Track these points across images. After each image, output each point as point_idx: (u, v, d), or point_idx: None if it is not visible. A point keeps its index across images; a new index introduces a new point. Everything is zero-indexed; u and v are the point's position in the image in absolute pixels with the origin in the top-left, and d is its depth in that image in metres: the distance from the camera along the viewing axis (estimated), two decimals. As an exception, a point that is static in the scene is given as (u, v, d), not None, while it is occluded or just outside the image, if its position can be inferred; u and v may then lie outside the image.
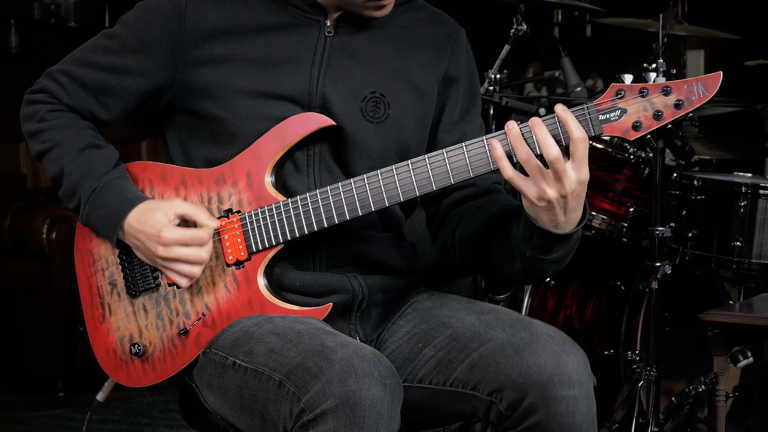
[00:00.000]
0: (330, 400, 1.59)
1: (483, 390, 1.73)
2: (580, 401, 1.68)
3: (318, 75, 1.85)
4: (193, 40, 1.85)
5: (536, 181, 1.66)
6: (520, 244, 1.74)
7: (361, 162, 1.86)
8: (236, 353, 1.75)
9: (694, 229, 3.11)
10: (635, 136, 1.68)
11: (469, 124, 1.97)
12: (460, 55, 1.96)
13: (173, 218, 1.81)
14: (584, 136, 1.65)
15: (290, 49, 1.85)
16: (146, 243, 1.81)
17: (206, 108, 1.86)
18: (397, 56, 1.90)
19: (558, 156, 1.64)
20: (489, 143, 1.69)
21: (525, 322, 1.77)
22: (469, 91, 1.98)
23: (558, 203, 1.67)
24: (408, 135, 1.90)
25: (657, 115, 1.68)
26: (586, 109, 1.69)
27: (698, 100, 1.67)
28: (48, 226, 3.89)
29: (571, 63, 3.64)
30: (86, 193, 1.86)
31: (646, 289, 2.91)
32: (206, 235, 1.80)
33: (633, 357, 3.04)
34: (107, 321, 1.93)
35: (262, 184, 1.83)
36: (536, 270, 1.78)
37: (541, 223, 1.70)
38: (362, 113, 1.86)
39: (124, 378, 1.92)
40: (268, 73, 1.84)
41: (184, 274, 1.81)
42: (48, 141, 1.90)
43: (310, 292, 1.85)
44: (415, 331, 1.86)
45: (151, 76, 1.88)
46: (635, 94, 1.69)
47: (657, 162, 2.86)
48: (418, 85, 1.91)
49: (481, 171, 1.72)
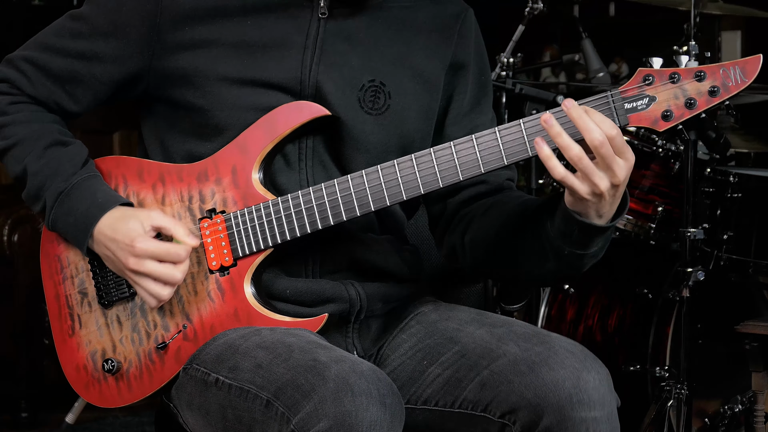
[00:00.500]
0: (323, 422, 1.59)
1: (495, 411, 1.73)
2: (602, 424, 1.68)
3: (311, 61, 1.85)
4: (171, 22, 1.85)
5: (588, 176, 1.65)
6: (557, 241, 1.74)
7: (359, 158, 1.86)
8: (219, 369, 1.75)
9: (730, 231, 3.11)
10: (665, 127, 1.68)
11: (480, 116, 1.97)
12: (469, 39, 1.96)
13: (149, 230, 1.81)
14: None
15: (280, 32, 1.85)
16: (117, 253, 1.82)
17: (186, 97, 1.86)
18: (398, 40, 1.90)
19: (603, 140, 1.62)
20: (534, 142, 1.67)
21: (541, 336, 1.77)
22: (480, 79, 1.98)
23: (608, 194, 1.67)
24: (411, 128, 1.90)
25: (689, 103, 1.68)
26: (611, 96, 1.69)
27: (735, 86, 1.67)
28: (9, 227, 3.90)
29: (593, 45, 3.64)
30: (52, 196, 1.86)
31: (676, 297, 2.91)
32: (183, 252, 1.80)
33: (662, 373, 3.05)
34: (77, 334, 1.93)
35: (249, 181, 1.83)
36: (573, 266, 1.78)
37: (585, 217, 1.70)
38: (360, 104, 1.86)
39: (97, 398, 1.92)
40: (255, 59, 1.84)
41: (153, 294, 1.81)
42: (9, 137, 1.90)
43: (303, 301, 1.85)
44: (420, 346, 1.87)
45: (124, 62, 1.88)
46: (665, 79, 1.69)
47: (689, 156, 2.86)
48: (422, 73, 1.91)
49: (493, 166, 1.73)
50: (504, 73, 3.32)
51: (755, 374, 2.59)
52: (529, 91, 3.11)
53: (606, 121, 1.65)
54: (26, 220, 3.91)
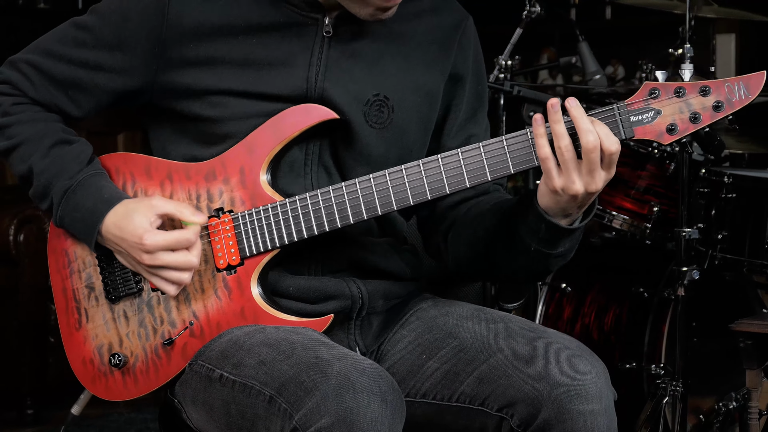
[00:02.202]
0: (325, 418, 1.60)
1: (493, 405, 1.74)
2: (600, 417, 1.69)
3: (316, 78, 1.85)
4: (177, 37, 1.84)
5: (568, 171, 1.67)
6: (526, 237, 1.76)
7: (359, 169, 1.86)
8: (224, 365, 1.76)
9: (725, 231, 3.11)
10: (670, 140, 1.69)
11: (476, 126, 1.98)
12: (468, 49, 1.97)
13: (154, 220, 1.81)
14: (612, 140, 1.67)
15: (285, 50, 1.85)
16: (129, 251, 1.82)
17: (193, 109, 1.85)
18: (398, 54, 1.90)
19: (597, 146, 1.65)
20: (533, 118, 1.69)
21: (539, 331, 1.78)
22: (477, 89, 1.98)
23: (580, 197, 1.69)
24: (410, 140, 1.91)
25: (694, 117, 1.69)
26: (617, 109, 1.70)
27: (739, 102, 1.68)
28: (15, 227, 3.89)
29: (590, 48, 3.64)
30: (59, 194, 1.86)
31: (671, 296, 2.92)
32: (193, 236, 1.80)
33: (657, 371, 3.05)
34: (84, 328, 1.93)
35: (257, 182, 1.83)
36: (541, 265, 1.80)
37: (552, 216, 1.72)
38: (365, 118, 1.86)
39: (103, 391, 1.93)
40: (261, 76, 1.83)
41: (173, 280, 1.82)
42: (14, 137, 1.89)
43: (306, 299, 1.85)
44: (419, 341, 1.87)
45: (128, 75, 1.87)
46: (671, 94, 1.70)
47: (684, 157, 2.87)
48: (423, 85, 1.91)
49: (499, 174, 1.74)
50: (502, 76, 3.32)
51: (749, 372, 2.59)
52: (527, 93, 3.11)
53: (611, 136, 1.67)
54: (32, 220, 3.91)
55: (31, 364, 3.87)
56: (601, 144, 1.66)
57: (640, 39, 5.11)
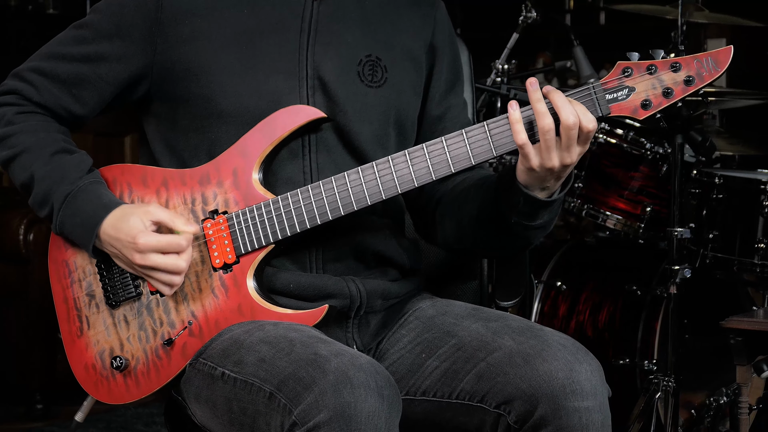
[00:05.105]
0: (323, 413, 1.59)
1: (491, 402, 1.73)
2: (594, 413, 1.68)
3: (307, 43, 1.86)
4: (171, 16, 1.85)
5: (548, 150, 1.70)
6: (506, 211, 1.77)
7: (365, 130, 1.87)
8: (225, 363, 1.75)
9: (716, 230, 3.11)
10: (644, 115, 1.72)
11: (455, 98, 2.01)
12: (444, 26, 2.00)
13: (149, 224, 1.81)
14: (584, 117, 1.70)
15: (276, 18, 1.86)
16: (123, 250, 1.81)
17: (190, 89, 1.85)
18: (385, 19, 1.93)
19: (576, 122, 1.68)
20: (509, 104, 1.71)
21: (535, 330, 1.77)
22: (454, 65, 2.01)
23: (557, 170, 1.71)
24: (405, 101, 1.93)
25: (666, 92, 1.72)
26: (593, 88, 1.72)
27: (709, 75, 1.71)
28: (25, 226, 3.89)
29: (584, 52, 3.63)
30: (59, 199, 1.85)
31: (664, 294, 2.91)
32: (184, 242, 1.80)
33: (650, 367, 3.04)
34: (85, 335, 1.92)
35: (250, 182, 1.83)
36: (522, 238, 1.82)
37: (531, 189, 1.74)
38: (360, 77, 1.88)
39: (106, 395, 1.91)
40: (254, 46, 1.85)
41: (165, 282, 1.81)
42: (16, 146, 1.89)
43: (305, 296, 1.84)
44: (418, 340, 1.86)
45: (128, 60, 1.88)
46: (643, 71, 1.72)
47: (676, 158, 2.86)
48: (409, 51, 1.94)
49: (482, 158, 1.75)
50: (499, 79, 3.32)
51: (740, 368, 2.58)
52: (523, 96, 3.10)
53: (588, 114, 1.70)
54: (41, 220, 3.87)
55: (40, 360, 3.88)
56: (579, 121, 1.68)
57: (634, 44, 5.09)
